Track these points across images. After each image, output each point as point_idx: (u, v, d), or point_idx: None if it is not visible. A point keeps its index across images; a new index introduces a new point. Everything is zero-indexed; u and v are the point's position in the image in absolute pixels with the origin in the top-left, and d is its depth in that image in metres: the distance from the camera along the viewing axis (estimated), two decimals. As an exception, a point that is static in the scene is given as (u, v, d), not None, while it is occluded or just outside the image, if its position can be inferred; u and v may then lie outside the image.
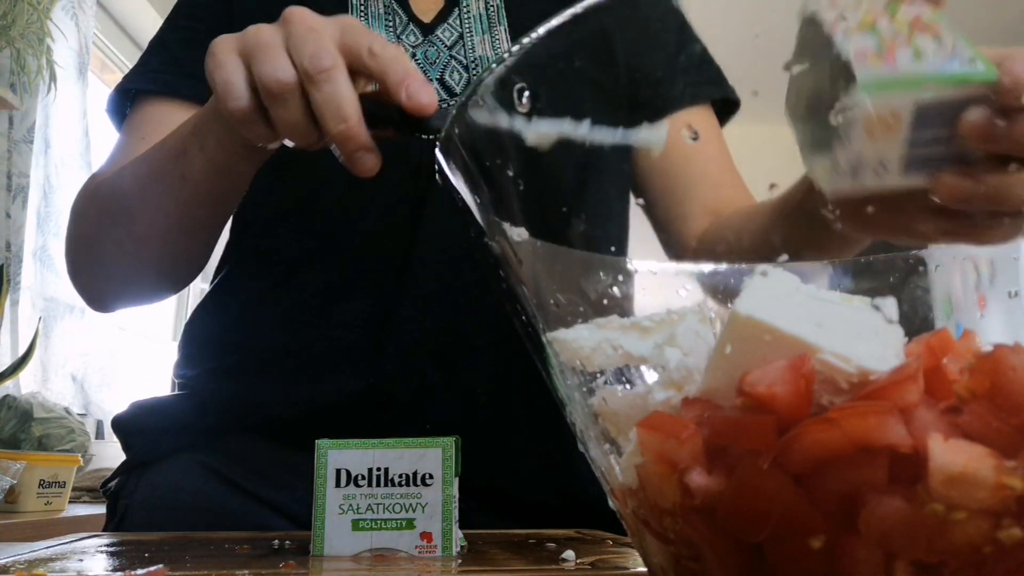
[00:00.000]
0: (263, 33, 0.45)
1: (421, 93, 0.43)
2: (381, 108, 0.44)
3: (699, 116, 0.77)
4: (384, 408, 0.65)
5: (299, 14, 0.45)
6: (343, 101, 0.42)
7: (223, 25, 0.73)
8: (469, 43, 0.71)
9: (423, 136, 0.44)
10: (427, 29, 0.72)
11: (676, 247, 0.73)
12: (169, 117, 0.70)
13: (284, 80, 0.43)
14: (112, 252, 0.65)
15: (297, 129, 0.44)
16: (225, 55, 0.45)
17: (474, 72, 0.71)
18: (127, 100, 0.75)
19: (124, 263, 0.66)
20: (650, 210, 0.78)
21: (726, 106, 0.79)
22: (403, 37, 0.72)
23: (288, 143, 0.47)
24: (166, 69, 0.73)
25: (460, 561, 0.44)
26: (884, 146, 0.32)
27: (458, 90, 0.71)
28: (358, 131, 0.43)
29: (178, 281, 0.70)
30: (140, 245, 0.63)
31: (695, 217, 0.72)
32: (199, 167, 0.55)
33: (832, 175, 0.34)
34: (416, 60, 0.71)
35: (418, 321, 0.66)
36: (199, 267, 0.69)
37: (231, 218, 0.76)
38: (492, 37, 0.72)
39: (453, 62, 0.71)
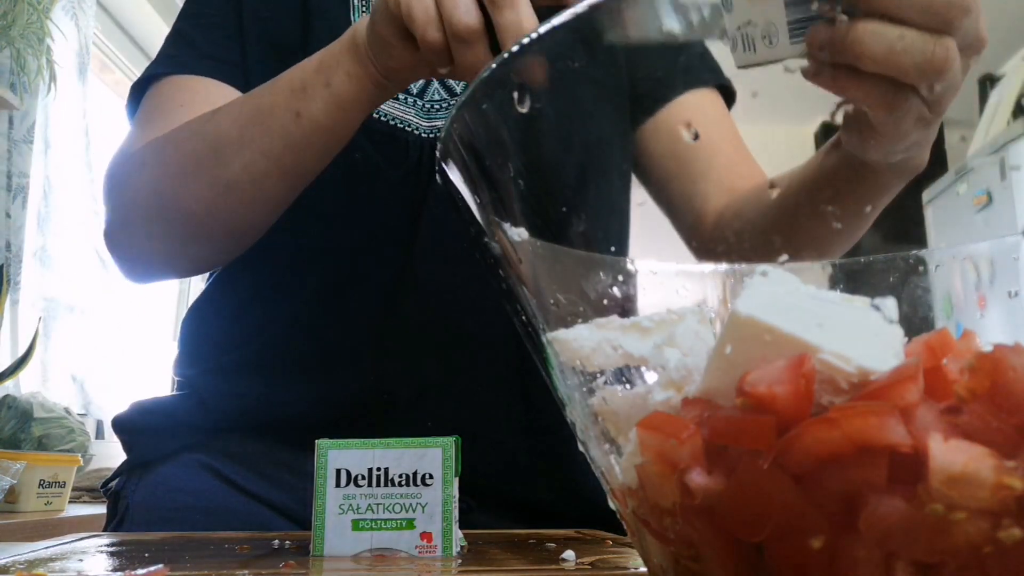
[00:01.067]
0: None
1: None
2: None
3: (706, 98, 0.77)
4: (385, 406, 0.65)
5: None
6: (524, 25, 0.45)
7: (233, 11, 0.73)
8: None
9: None
10: None
11: (692, 227, 0.73)
12: (204, 89, 0.68)
13: (471, 25, 0.45)
14: (191, 201, 0.60)
15: (476, 69, 0.46)
16: None
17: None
18: (146, 87, 0.73)
19: (201, 215, 0.61)
20: (661, 194, 0.77)
21: (726, 96, 0.79)
22: None
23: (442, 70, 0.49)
24: (184, 53, 0.72)
25: (460, 561, 0.44)
26: (766, 10, 0.34)
27: (459, 90, 0.71)
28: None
29: (243, 241, 0.65)
30: (228, 192, 0.59)
31: (712, 196, 0.72)
32: (320, 104, 0.55)
33: (733, 51, 0.37)
34: None
35: (418, 319, 0.66)
36: (270, 222, 0.64)
37: None
38: None
39: None
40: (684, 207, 0.74)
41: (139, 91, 0.73)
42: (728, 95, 0.79)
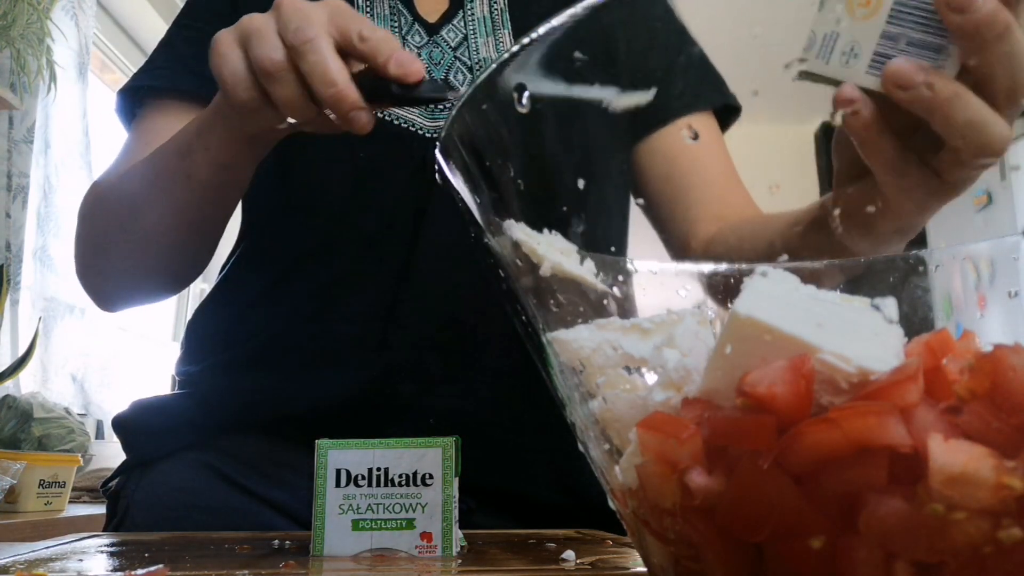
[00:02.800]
0: (255, 20, 0.48)
1: (409, 63, 0.46)
2: (376, 83, 0.47)
3: (701, 123, 0.78)
4: (387, 404, 0.65)
5: (289, 1, 0.47)
6: (328, 66, 0.45)
7: (227, 25, 0.73)
8: (473, 45, 0.72)
9: (417, 106, 0.47)
10: (432, 29, 0.73)
11: (680, 250, 0.74)
12: (173, 119, 0.71)
13: (275, 58, 0.46)
14: (120, 253, 0.66)
15: (295, 104, 0.47)
16: (226, 47, 0.48)
17: (478, 74, 0.71)
18: (135, 99, 0.75)
19: (132, 263, 0.67)
20: (652, 212, 0.78)
21: (727, 112, 0.79)
22: (408, 37, 0.72)
23: (291, 121, 0.49)
24: (170, 66, 0.74)
25: (460, 561, 0.44)
26: (860, 30, 0.34)
27: (463, 89, 0.71)
28: (347, 91, 0.46)
29: (184, 278, 0.70)
30: (147, 244, 0.65)
31: (700, 222, 0.73)
32: (204, 166, 0.57)
33: (806, 50, 0.35)
34: (421, 60, 0.71)
35: (421, 316, 0.67)
36: (204, 263, 0.70)
37: (242, 215, 0.77)
38: (496, 40, 0.72)
39: (457, 63, 0.71)
40: (674, 231, 0.75)
41: (125, 102, 0.75)
42: (730, 111, 0.79)
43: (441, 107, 0.69)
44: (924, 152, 0.38)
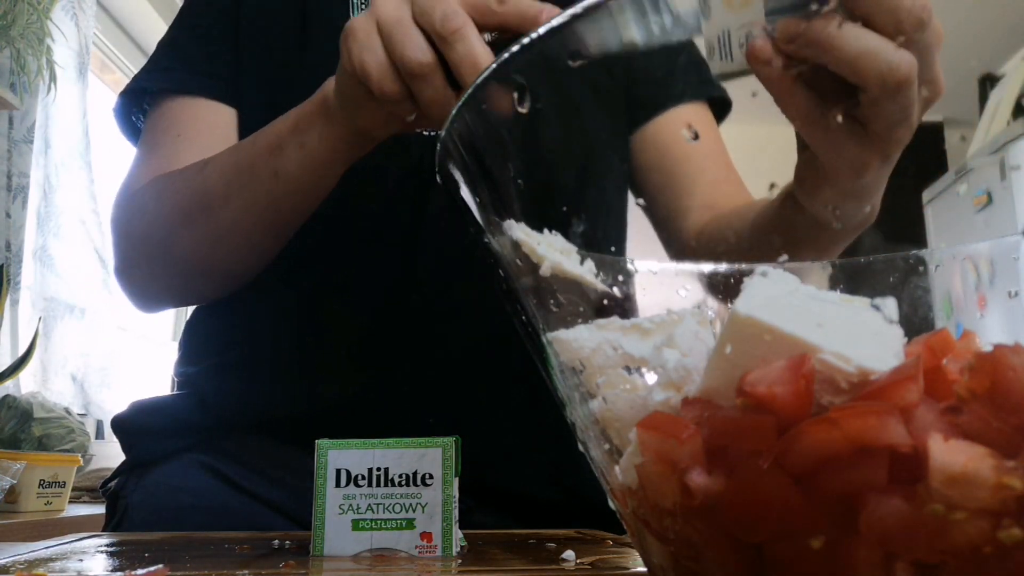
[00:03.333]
0: (390, 8, 0.46)
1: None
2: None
3: (696, 113, 0.78)
4: (386, 404, 0.65)
5: None
6: (478, 57, 0.44)
7: (231, 21, 0.73)
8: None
9: None
10: None
11: (675, 244, 0.74)
12: (198, 114, 0.70)
13: (424, 60, 0.45)
14: (184, 250, 0.64)
15: (441, 102, 0.46)
16: (365, 37, 0.46)
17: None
18: (142, 100, 0.74)
19: (195, 262, 0.64)
20: (649, 208, 0.78)
21: (720, 106, 0.79)
22: None
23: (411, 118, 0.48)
24: (179, 67, 0.73)
25: (460, 561, 0.44)
26: (745, 16, 0.35)
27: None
28: None
29: (244, 279, 0.67)
30: (217, 244, 0.62)
31: (693, 212, 0.73)
32: (296, 163, 0.56)
33: (710, 59, 0.37)
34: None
35: (420, 317, 0.67)
36: (264, 266, 0.67)
37: None
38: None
39: None
40: (668, 221, 0.75)
41: (127, 104, 0.74)
42: (723, 105, 0.79)
43: None
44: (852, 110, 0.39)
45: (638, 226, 0.80)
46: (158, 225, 0.65)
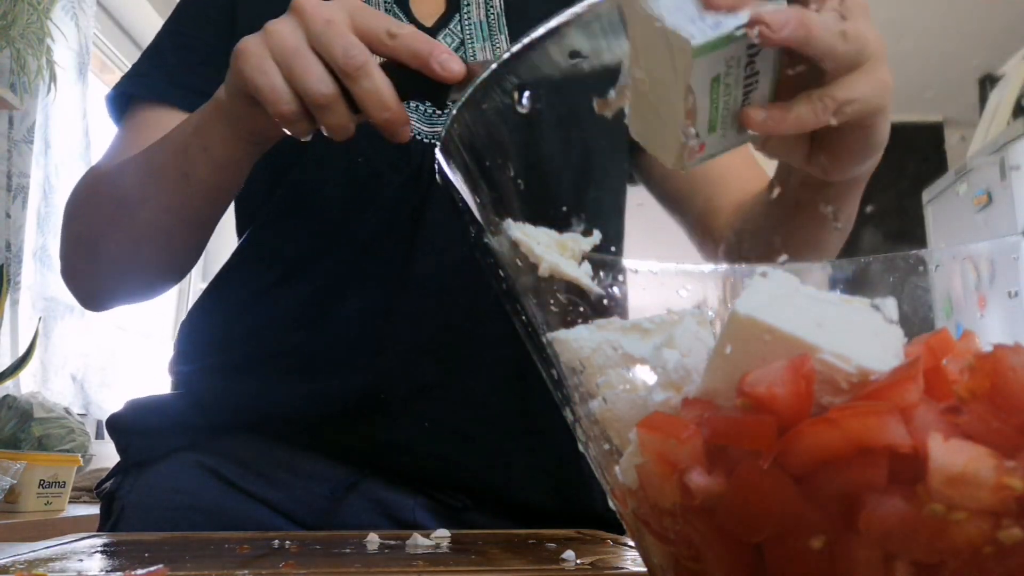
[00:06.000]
0: (286, 36, 0.47)
1: (451, 62, 0.46)
2: (406, 79, 0.47)
3: None
4: (382, 406, 0.65)
5: (308, 5, 0.47)
6: (382, 92, 0.46)
7: (225, 36, 0.73)
8: (470, 49, 0.71)
9: (448, 102, 0.47)
10: (428, 33, 0.72)
11: (710, 244, 0.75)
12: (164, 122, 0.70)
13: (327, 92, 0.46)
14: (111, 250, 0.66)
15: (345, 128, 0.48)
16: (261, 59, 0.47)
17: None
18: (123, 102, 0.75)
19: (123, 260, 0.66)
20: (678, 212, 0.79)
21: None
22: None
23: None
24: (158, 76, 0.73)
25: (460, 561, 0.44)
26: (705, 118, 0.36)
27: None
28: (400, 114, 0.47)
29: (174, 277, 0.70)
30: (140, 242, 0.64)
31: (725, 210, 0.73)
32: (202, 165, 0.57)
33: (681, 158, 0.38)
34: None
35: (417, 319, 0.66)
36: (194, 262, 0.69)
37: (236, 217, 0.77)
38: (493, 44, 0.71)
39: None
40: (699, 224, 0.76)
41: (113, 104, 0.75)
42: None
43: (439, 113, 0.69)
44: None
45: (638, 226, 0.80)
46: (85, 226, 0.68)
